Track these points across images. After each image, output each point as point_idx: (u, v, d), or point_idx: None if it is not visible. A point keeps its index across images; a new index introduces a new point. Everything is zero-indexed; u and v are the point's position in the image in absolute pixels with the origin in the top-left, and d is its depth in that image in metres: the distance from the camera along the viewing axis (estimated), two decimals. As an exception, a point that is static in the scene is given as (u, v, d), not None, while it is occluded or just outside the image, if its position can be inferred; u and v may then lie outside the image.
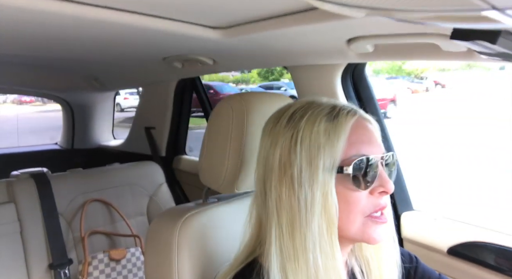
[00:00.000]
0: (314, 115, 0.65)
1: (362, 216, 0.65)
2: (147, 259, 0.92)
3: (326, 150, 0.62)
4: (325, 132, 0.63)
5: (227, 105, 0.89)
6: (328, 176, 0.62)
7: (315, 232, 0.62)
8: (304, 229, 0.62)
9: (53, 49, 1.33)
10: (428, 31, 0.83)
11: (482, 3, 0.36)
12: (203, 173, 0.95)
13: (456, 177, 5.42)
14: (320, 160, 0.62)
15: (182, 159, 2.33)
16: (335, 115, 0.65)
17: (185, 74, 1.95)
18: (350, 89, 1.37)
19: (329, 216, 0.62)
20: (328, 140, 0.63)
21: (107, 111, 3.03)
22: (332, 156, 0.63)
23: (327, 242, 0.62)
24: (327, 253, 0.62)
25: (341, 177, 0.63)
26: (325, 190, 0.62)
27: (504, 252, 1.06)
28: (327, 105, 0.67)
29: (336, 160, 0.63)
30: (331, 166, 0.62)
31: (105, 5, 0.82)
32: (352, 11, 0.60)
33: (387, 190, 0.65)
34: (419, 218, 1.30)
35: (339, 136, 0.63)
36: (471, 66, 14.14)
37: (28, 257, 1.52)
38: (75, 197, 1.72)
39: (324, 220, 0.62)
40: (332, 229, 0.63)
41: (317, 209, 0.62)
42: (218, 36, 1.03)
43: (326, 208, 0.62)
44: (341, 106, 0.68)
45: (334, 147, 0.63)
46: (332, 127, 0.64)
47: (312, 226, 0.62)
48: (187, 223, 0.86)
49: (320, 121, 0.64)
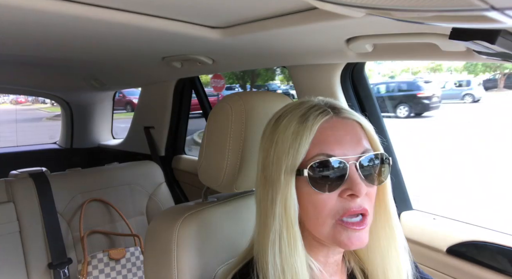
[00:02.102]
0: (291, 117, 0.66)
1: (332, 219, 0.63)
2: (147, 258, 0.92)
3: (290, 152, 0.63)
4: (293, 134, 0.64)
5: (226, 104, 0.89)
6: (289, 178, 0.63)
7: (276, 231, 0.63)
8: (268, 228, 0.64)
9: (53, 49, 1.33)
10: (427, 31, 0.83)
11: (481, 3, 0.36)
12: (202, 172, 0.95)
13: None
14: (283, 162, 0.63)
15: (181, 158, 2.33)
16: (307, 116, 0.64)
17: (184, 74, 1.95)
18: (349, 88, 1.37)
19: (288, 217, 0.63)
20: (294, 142, 0.63)
21: (106, 110, 3.03)
22: (294, 158, 0.63)
23: (285, 242, 0.63)
24: (285, 252, 0.63)
25: (302, 179, 0.63)
26: (285, 191, 0.63)
27: (503, 251, 1.06)
28: (308, 106, 0.67)
29: (296, 162, 0.63)
30: (292, 168, 0.63)
31: (104, 5, 0.82)
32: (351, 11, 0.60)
33: (356, 193, 0.61)
34: (418, 217, 1.30)
35: (302, 137, 0.63)
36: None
37: (28, 257, 1.52)
38: (74, 196, 1.72)
39: (283, 221, 0.63)
40: (290, 230, 0.63)
41: (277, 210, 0.63)
42: (217, 36, 1.03)
43: (285, 209, 0.63)
44: (317, 106, 0.66)
45: (296, 149, 0.63)
46: (300, 129, 0.63)
47: (274, 225, 0.63)
48: (187, 223, 0.86)
49: (291, 123, 0.65)
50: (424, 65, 14.25)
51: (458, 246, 1.14)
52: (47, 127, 10.46)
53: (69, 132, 3.08)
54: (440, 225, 1.22)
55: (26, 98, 13.31)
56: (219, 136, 0.89)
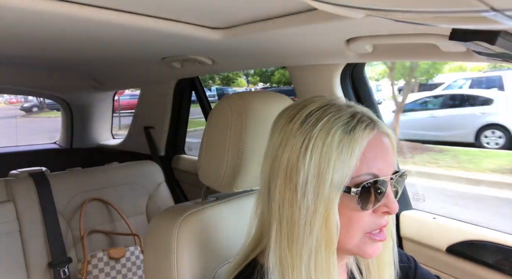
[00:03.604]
0: (330, 122, 0.61)
1: (362, 233, 0.63)
2: (147, 257, 0.93)
3: (336, 165, 0.58)
4: (339, 145, 0.59)
5: (226, 104, 0.89)
6: (334, 193, 0.59)
7: (312, 246, 0.60)
8: (302, 240, 0.60)
9: (53, 50, 1.33)
10: (427, 32, 0.83)
11: (481, 4, 0.37)
12: (202, 172, 0.95)
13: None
14: (329, 175, 0.58)
15: (181, 158, 2.34)
16: (353, 127, 0.60)
17: (184, 74, 1.95)
18: (349, 89, 1.37)
19: (329, 233, 0.60)
20: (341, 154, 0.59)
21: (106, 110, 3.03)
22: (342, 172, 0.59)
23: (323, 258, 0.60)
24: (322, 268, 0.60)
25: (347, 195, 0.60)
26: (329, 206, 0.59)
27: (502, 250, 1.06)
28: (346, 112, 0.62)
29: (345, 178, 0.59)
30: (339, 183, 0.59)
31: (104, 5, 0.82)
32: (351, 12, 0.61)
33: (391, 211, 0.62)
34: (418, 217, 1.30)
35: (352, 152, 0.59)
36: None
37: (28, 256, 1.52)
38: (74, 196, 1.73)
39: (323, 236, 0.60)
40: (330, 246, 0.60)
41: (317, 223, 0.59)
42: (217, 37, 1.03)
43: (327, 224, 0.59)
44: (360, 116, 0.63)
45: (345, 163, 0.59)
46: (347, 141, 0.59)
47: (310, 239, 0.60)
48: (186, 222, 0.87)
49: (335, 132, 0.59)
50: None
51: (458, 246, 1.14)
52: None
53: (69, 132, 3.08)
54: (440, 225, 1.22)
55: (18, 98, 14.00)
56: (219, 136, 0.89)
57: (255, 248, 0.71)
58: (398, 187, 0.67)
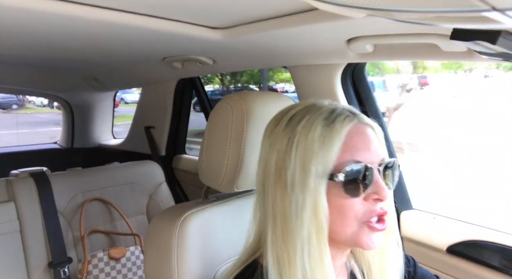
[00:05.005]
0: (311, 119, 0.65)
1: (358, 222, 0.64)
2: (147, 257, 0.93)
3: (319, 156, 0.62)
4: (320, 137, 0.62)
5: (227, 104, 0.89)
6: (319, 183, 0.62)
7: (304, 238, 0.62)
8: (294, 233, 0.62)
9: (54, 50, 1.33)
10: (428, 31, 0.83)
11: (482, 4, 0.36)
12: (202, 172, 0.95)
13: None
14: (313, 166, 0.62)
15: (181, 158, 2.34)
16: (332, 120, 0.64)
17: (185, 74, 1.95)
18: (350, 89, 1.37)
19: (319, 222, 0.62)
20: (323, 146, 0.62)
21: (106, 110, 3.03)
22: (325, 162, 0.62)
23: (315, 248, 0.62)
24: (315, 258, 0.62)
25: (333, 184, 0.63)
26: (315, 196, 0.62)
27: (503, 250, 1.06)
28: (327, 109, 0.66)
29: (328, 167, 0.62)
30: (323, 172, 0.62)
31: (105, 5, 0.82)
32: (352, 12, 0.60)
33: (382, 198, 0.63)
34: (418, 217, 1.30)
35: (333, 142, 0.62)
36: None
37: (28, 256, 1.52)
38: (74, 196, 1.72)
39: (313, 226, 0.62)
40: (321, 235, 0.62)
41: (307, 214, 0.62)
42: (218, 37, 1.03)
43: (316, 214, 0.62)
44: (340, 110, 0.66)
45: (327, 153, 0.62)
46: (328, 133, 0.63)
47: (301, 231, 0.62)
48: (187, 222, 0.86)
49: (316, 126, 0.63)
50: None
51: (458, 246, 1.14)
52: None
53: (70, 132, 3.09)
54: (440, 225, 1.22)
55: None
56: (219, 136, 0.89)
57: (255, 250, 0.72)
58: (390, 176, 0.68)
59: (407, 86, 7.93)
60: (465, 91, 11.43)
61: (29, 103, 15.37)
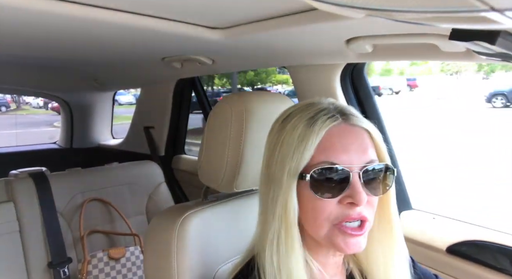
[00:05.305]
0: (299, 118, 0.65)
1: (329, 224, 0.64)
2: (147, 257, 0.93)
3: (295, 155, 0.63)
4: (299, 137, 0.63)
5: (226, 104, 0.89)
6: (291, 181, 0.63)
7: (274, 232, 0.64)
8: (268, 227, 0.65)
9: (53, 50, 1.33)
10: (427, 32, 0.83)
11: (481, 4, 0.36)
12: (202, 172, 0.95)
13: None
14: (287, 164, 0.63)
15: (181, 158, 2.34)
16: (315, 120, 0.64)
17: (184, 74, 1.95)
18: (349, 88, 1.37)
19: (287, 219, 0.63)
20: (300, 145, 0.63)
21: (106, 110, 3.03)
22: (298, 161, 0.62)
23: (283, 243, 0.63)
24: (282, 253, 0.63)
25: (304, 183, 0.63)
26: (286, 193, 0.63)
27: (503, 250, 1.06)
28: (317, 108, 0.66)
29: (300, 166, 0.63)
30: (295, 171, 0.63)
31: (105, 5, 0.82)
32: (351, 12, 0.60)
33: (356, 202, 0.61)
34: (418, 217, 1.30)
35: (308, 142, 0.62)
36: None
37: (28, 256, 1.52)
38: (74, 196, 1.72)
39: (283, 223, 0.64)
40: (288, 232, 0.63)
41: (277, 210, 0.64)
42: (217, 37, 1.03)
43: (285, 211, 0.63)
44: (327, 111, 0.65)
45: (301, 152, 0.62)
46: (307, 132, 0.63)
47: (273, 225, 0.64)
48: (186, 222, 0.86)
49: (299, 125, 0.64)
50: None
51: (458, 246, 1.14)
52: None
53: (69, 132, 3.08)
54: (440, 225, 1.23)
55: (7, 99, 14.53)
56: (219, 136, 0.89)
57: (254, 248, 0.72)
58: (377, 180, 0.66)
59: (395, 88, 8.06)
60: (449, 93, 11.66)
61: (26, 105, 15.85)
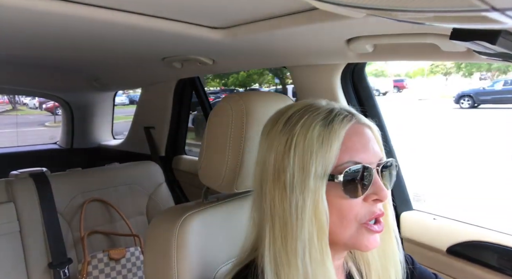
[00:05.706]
0: (309, 119, 0.64)
1: (357, 223, 0.64)
2: (147, 258, 0.92)
3: (318, 156, 0.62)
4: (319, 138, 0.62)
5: (227, 104, 0.89)
6: (319, 183, 0.62)
7: (305, 239, 0.62)
8: (295, 235, 0.62)
9: (54, 50, 1.33)
10: (427, 31, 0.83)
11: (481, 4, 0.36)
12: (202, 172, 0.95)
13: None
14: (312, 167, 0.62)
15: (181, 159, 2.34)
16: (330, 120, 0.64)
17: (185, 74, 1.95)
18: (350, 89, 1.37)
19: (319, 223, 0.62)
20: (321, 146, 0.62)
21: (106, 111, 3.03)
22: (324, 163, 0.62)
23: (317, 249, 0.62)
24: (317, 260, 0.62)
25: (333, 184, 0.62)
26: (316, 197, 0.62)
27: (503, 251, 1.06)
28: (325, 109, 0.66)
29: (328, 167, 0.62)
30: (322, 173, 0.62)
31: (105, 5, 0.82)
32: (351, 12, 0.60)
33: (381, 198, 0.64)
34: (418, 218, 1.30)
35: (332, 142, 0.62)
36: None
37: (28, 257, 1.52)
38: (74, 196, 1.72)
39: (314, 227, 0.62)
40: (322, 236, 0.62)
41: (307, 215, 0.62)
42: (218, 37, 1.03)
43: (316, 215, 0.62)
44: (338, 110, 0.66)
45: (326, 153, 0.62)
46: (326, 133, 0.62)
47: (302, 232, 0.62)
48: (187, 223, 0.86)
49: (314, 127, 0.63)
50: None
51: (458, 246, 1.14)
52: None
53: (70, 132, 3.08)
54: (440, 225, 1.22)
55: (3, 99, 14.72)
56: (219, 136, 0.89)
57: (252, 250, 0.72)
58: (389, 175, 0.68)
59: (382, 89, 8.13)
60: (432, 94, 11.81)
61: (22, 106, 15.93)
